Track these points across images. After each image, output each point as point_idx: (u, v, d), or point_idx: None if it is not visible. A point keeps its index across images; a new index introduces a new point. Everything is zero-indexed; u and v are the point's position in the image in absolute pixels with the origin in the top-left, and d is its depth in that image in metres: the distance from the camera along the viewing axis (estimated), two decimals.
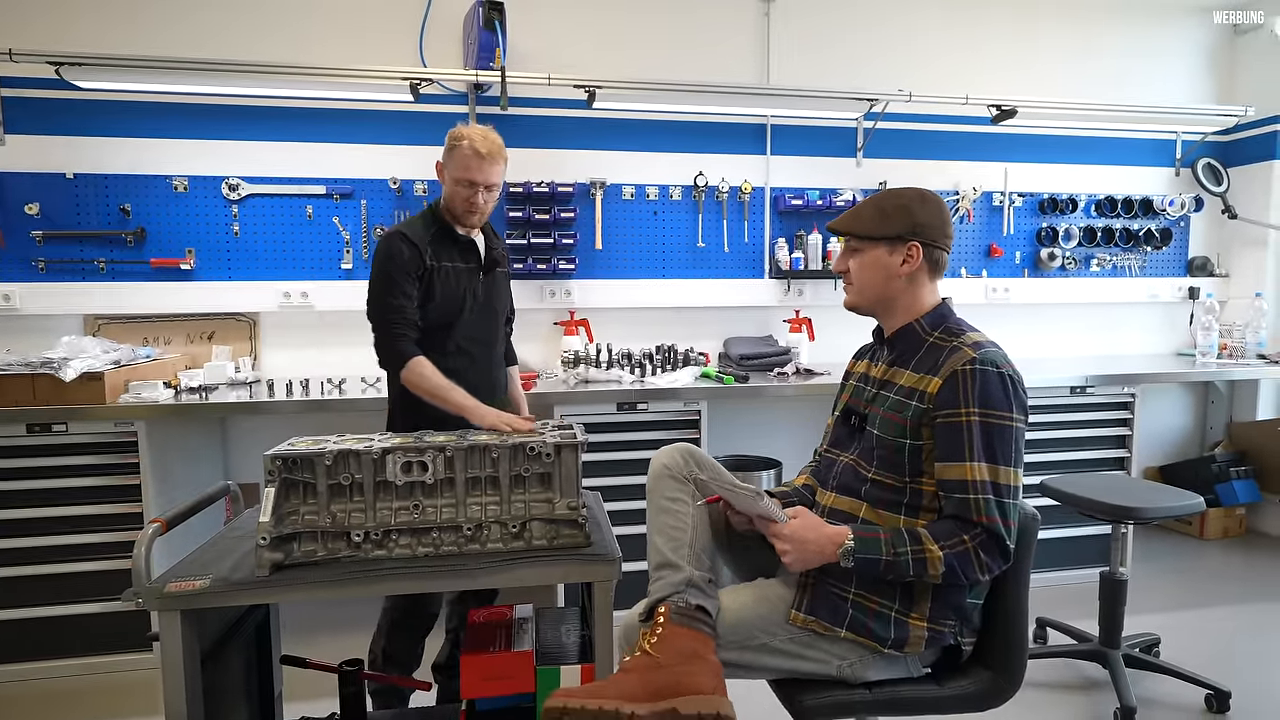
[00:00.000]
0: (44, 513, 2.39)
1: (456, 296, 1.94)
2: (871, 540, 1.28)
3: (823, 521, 1.33)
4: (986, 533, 1.26)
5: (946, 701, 1.38)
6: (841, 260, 1.50)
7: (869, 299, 1.47)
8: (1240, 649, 2.55)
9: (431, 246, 1.90)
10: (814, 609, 1.36)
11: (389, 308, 1.85)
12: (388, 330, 1.85)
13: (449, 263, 1.93)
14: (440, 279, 1.90)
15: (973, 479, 1.27)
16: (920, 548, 1.25)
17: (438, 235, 1.93)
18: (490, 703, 1.43)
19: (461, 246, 1.97)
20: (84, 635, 2.44)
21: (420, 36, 3.11)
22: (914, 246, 1.40)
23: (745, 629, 1.36)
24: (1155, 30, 3.78)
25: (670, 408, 2.75)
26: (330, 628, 2.79)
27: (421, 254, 1.88)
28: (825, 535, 1.29)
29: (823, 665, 1.36)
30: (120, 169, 2.94)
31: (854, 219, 1.46)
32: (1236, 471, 3.61)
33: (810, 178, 3.49)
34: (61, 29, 2.86)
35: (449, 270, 1.93)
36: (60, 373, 2.32)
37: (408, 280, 1.86)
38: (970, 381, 1.29)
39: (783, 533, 1.29)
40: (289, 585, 1.22)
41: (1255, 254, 3.80)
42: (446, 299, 1.92)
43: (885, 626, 1.33)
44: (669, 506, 1.44)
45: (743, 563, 1.60)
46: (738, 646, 1.35)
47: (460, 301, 1.94)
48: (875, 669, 1.36)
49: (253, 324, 3.10)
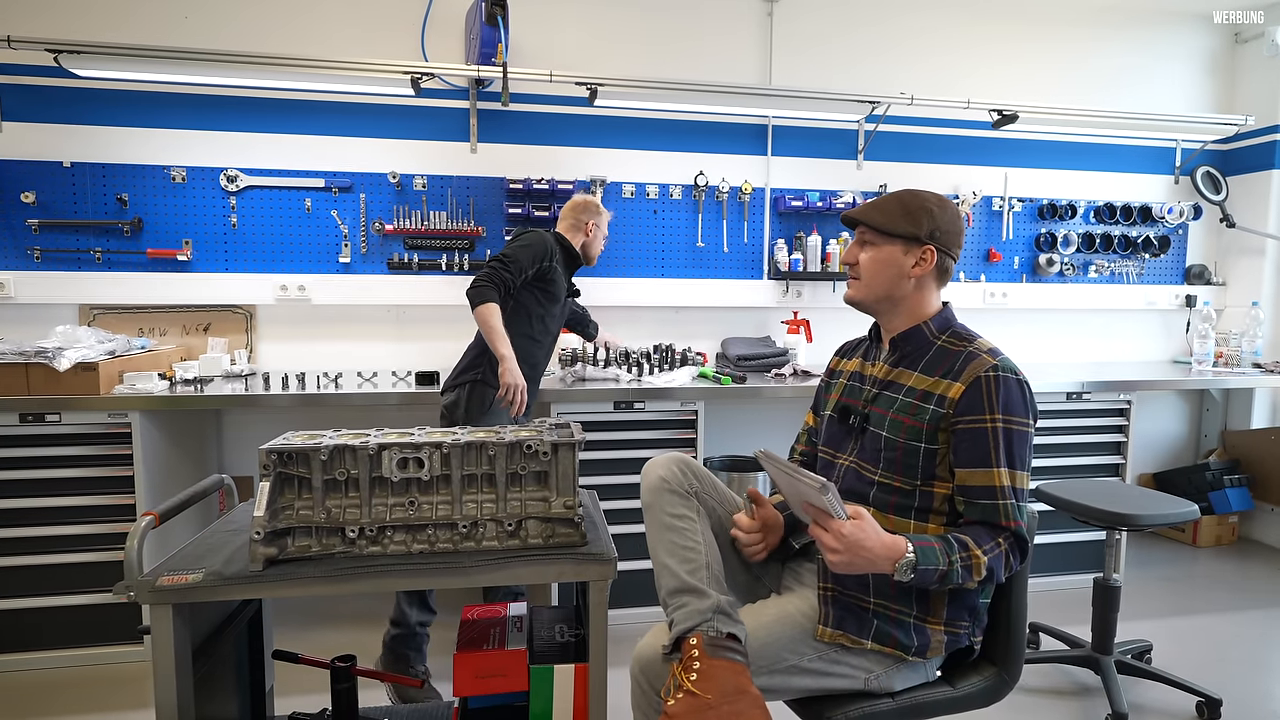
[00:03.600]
0: (36, 503, 2.38)
1: (558, 294, 2.47)
2: (929, 550, 1.22)
3: (881, 529, 1.22)
4: (1014, 536, 1.28)
5: (960, 701, 1.39)
6: (852, 251, 1.46)
7: (874, 295, 1.44)
8: (1232, 657, 2.56)
9: (561, 255, 2.48)
10: (840, 622, 1.33)
11: (505, 264, 2.29)
12: (490, 277, 2.26)
13: (563, 269, 2.48)
14: (555, 277, 2.43)
15: (1000, 484, 1.27)
16: (968, 554, 1.23)
17: (565, 253, 2.52)
18: (483, 701, 1.43)
19: (570, 267, 2.57)
20: (74, 627, 2.42)
21: (422, 31, 3.10)
22: (929, 250, 1.40)
23: (773, 652, 1.32)
24: (1156, 38, 3.79)
25: (667, 407, 2.75)
26: (323, 623, 2.78)
27: (552, 254, 2.41)
28: (884, 544, 1.19)
29: (850, 680, 1.34)
30: (118, 158, 2.93)
31: (875, 211, 1.42)
32: (1230, 480, 3.62)
33: (811, 179, 3.49)
34: (61, 16, 2.84)
35: (560, 273, 2.46)
36: (54, 362, 2.30)
37: (532, 261, 2.33)
38: (995, 388, 1.29)
39: (841, 531, 1.18)
40: (282, 580, 1.21)
41: (1253, 263, 3.81)
42: (554, 296, 2.46)
43: (908, 634, 1.32)
44: (675, 524, 1.39)
45: (743, 578, 1.54)
46: (767, 671, 1.31)
47: (559, 298, 2.49)
48: (900, 678, 1.35)
49: (249, 316, 3.09)
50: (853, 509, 1.22)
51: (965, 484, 1.30)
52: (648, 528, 1.44)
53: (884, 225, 1.40)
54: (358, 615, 2.82)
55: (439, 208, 3.17)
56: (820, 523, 1.22)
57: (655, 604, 1.39)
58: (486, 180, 3.20)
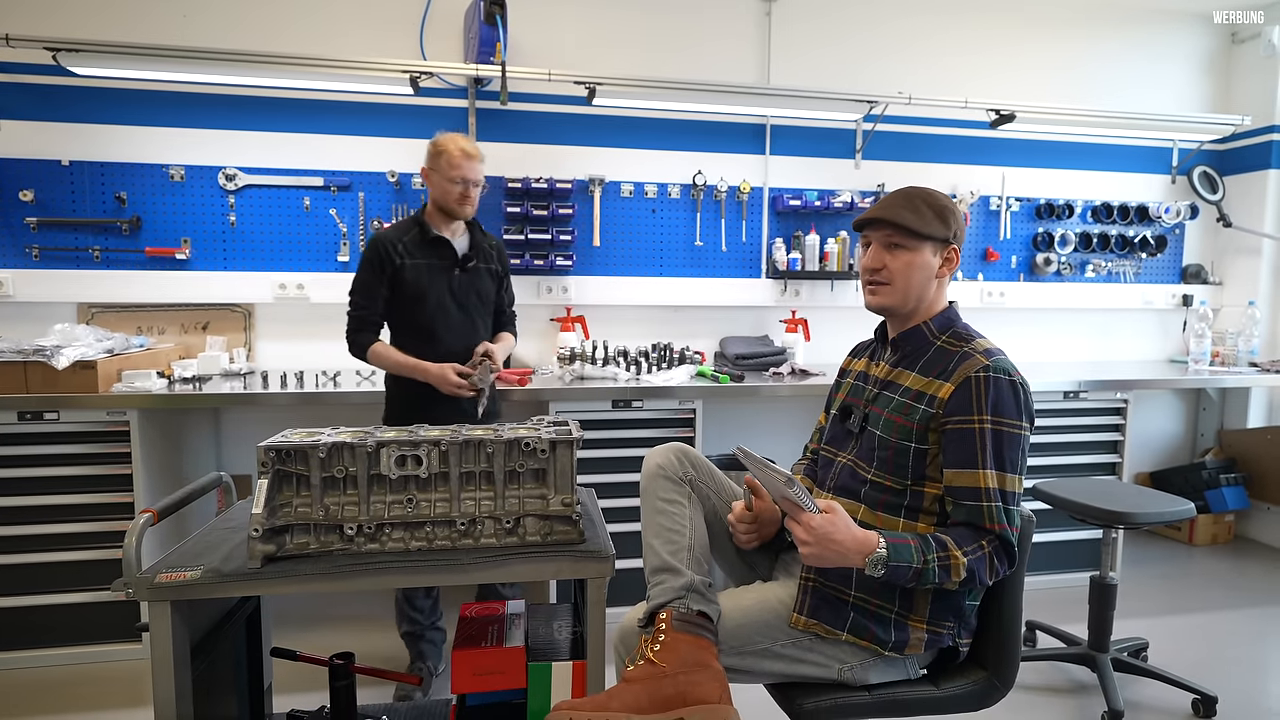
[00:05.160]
0: (34, 501, 2.38)
1: (424, 288, 2.18)
2: (903, 547, 1.22)
3: (853, 524, 1.23)
4: (999, 539, 1.27)
5: (943, 702, 1.38)
6: (878, 255, 1.39)
7: (909, 301, 1.40)
8: (1227, 654, 2.57)
9: (405, 246, 2.17)
10: (815, 612, 1.35)
11: (351, 303, 2.19)
12: (350, 325, 2.19)
13: (421, 260, 2.18)
14: (409, 274, 2.16)
15: (985, 486, 1.27)
16: (946, 554, 1.23)
17: (414, 237, 2.19)
18: (480, 698, 1.43)
19: (436, 245, 2.20)
20: (73, 625, 2.42)
21: (421, 30, 3.10)
22: (954, 250, 1.40)
23: (746, 634, 1.35)
24: (1153, 38, 3.80)
25: (665, 406, 2.75)
26: (321, 621, 2.78)
27: (390, 254, 2.15)
28: (854, 539, 1.20)
29: (823, 669, 1.35)
30: (117, 157, 2.92)
31: (908, 212, 1.35)
32: (1226, 478, 3.63)
33: (809, 178, 3.50)
34: (59, 15, 2.83)
35: (420, 266, 2.17)
36: (53, 361, 2.30)
37: (375, 279, 2.16)
38: (984, 389, 1.29)
39: (810, 524, 1.20)
40: (281, 578, 1.22)
41: (1249, 262, 3.82)
42: (414, 290, 2.18)
43: (886, 629, 1.33)
44: (665, 508, 1.43)
45: (737, 564, 1.59)
46: (738, 652, 1.34)
47: (426, 292, 2.18)
48: (876, 672, 1.36)
49: (248, 315, 3.09)
50: (824, 503, 1.24)
51: (952, 485, 1.30)
52: (641, 512, 1.47)
53: (919, 227, 1.35)
54: (356, 613, 2.83)
55: None
56: (793, 515, 1.24)
57: None
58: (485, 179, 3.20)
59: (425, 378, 2.11)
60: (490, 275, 2.32)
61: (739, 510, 1.48)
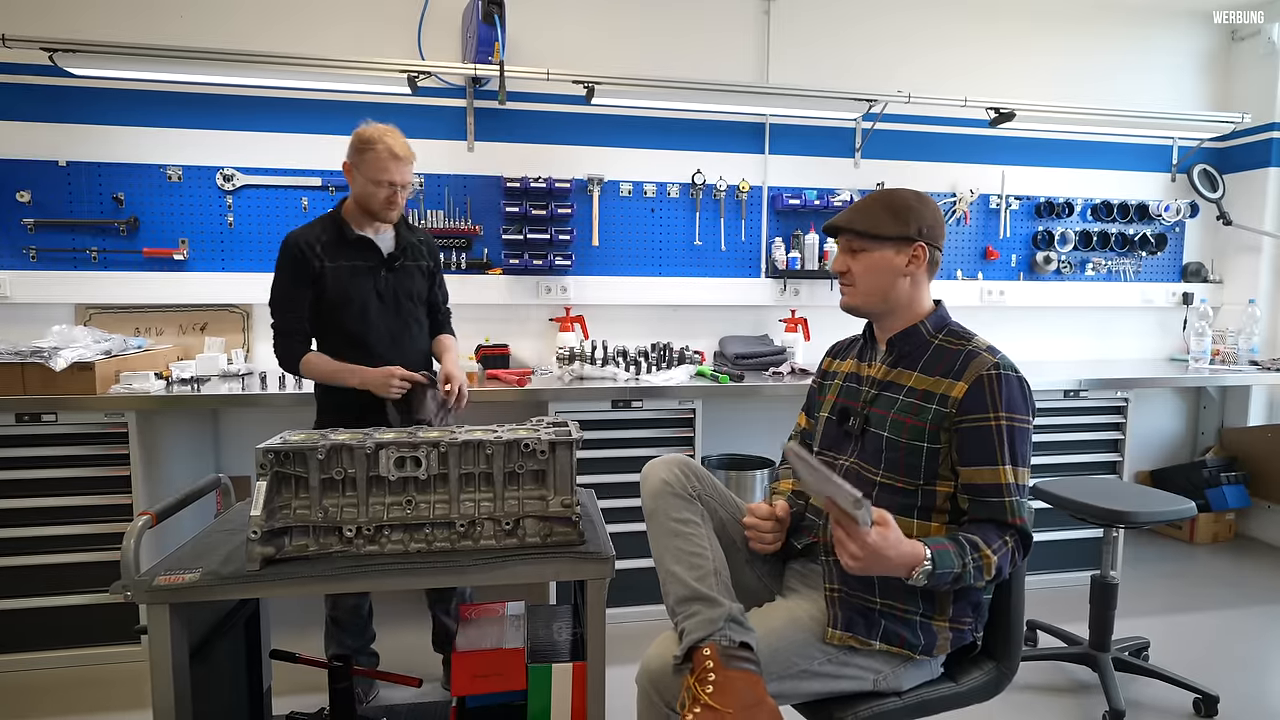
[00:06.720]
0: (32, 503, 2.37)
1: (348, 293, 2.03)
2: (945, 554, 1.20)
3: (903, 536, 1.19)
4: (1019, 532, 1.29)
5: (964, 696, 1.39)
6: (842, 260, 1.44)
7: (873, 301, 1.43)
8: (1229, 653, 2.56)
9: (323, 248, 2.00)
10: (849, 625, 1.33)
11: (273, 313, 2.05)
12: (277, 336, 2.04)
13: (344, 262, 2.02)
14: (331, 278, 2.01)
15: (1005, 482, 1.28)
16: (979, 554, 1.23)
17: (332, 238, 2.02)
18: (481, 700, 1.43)
19: (359, 246, 2.04)
20: (71, 627, 2.42)
21: (419, 29, 3.09)
22: (920, 247, 1.39)
23: (784, 658, 1.30)
24: (1153, 36, 3.79)
25: (665, 406, 2.75)
26: (320, 623, 2.77)
27: (308, 256, 1.98)
28: (903, 554, 1.17)
29: (859, 682, 1.33)
30: (114, 157, 2.92)
31: (860, 216, 1.40)
32: (1227, 477, 3.63)
33: (808, 177, 3.49)
34: (56, 15, 2.82)
35: (343, 269, 2.02)
36: (50, 362, 2.30)
37: (296, 285, 2.00)
38: (998, 386, 1.30)
39: (866, 539, 1.14)
40: (280, 580, 1.21)
41: (1249, 260, 3.82)
42: (338, 296, 2.02)
43: (915, 633, 1.33)
44: (680, 529, 1.36)
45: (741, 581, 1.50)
46: (778, 677, 1.28)
47: (351, 297, 2.03)
48: (908, 676, 1.35)
49: (246, 316, 3.08)
50: (879, 514, 1.17)
51: (971, 482, 1.30)
52: (651, 533, 1.40)
53: (872, 229, 1.39)
54: None
55: (436, 206, 3.17)
56: (844, 526, 1.16)
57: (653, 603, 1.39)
58: (483, 179, 3.20)
59: (364, 384, 1.97)
60: (421, 273, 2.17)
61: (763, 510, 1.44)
